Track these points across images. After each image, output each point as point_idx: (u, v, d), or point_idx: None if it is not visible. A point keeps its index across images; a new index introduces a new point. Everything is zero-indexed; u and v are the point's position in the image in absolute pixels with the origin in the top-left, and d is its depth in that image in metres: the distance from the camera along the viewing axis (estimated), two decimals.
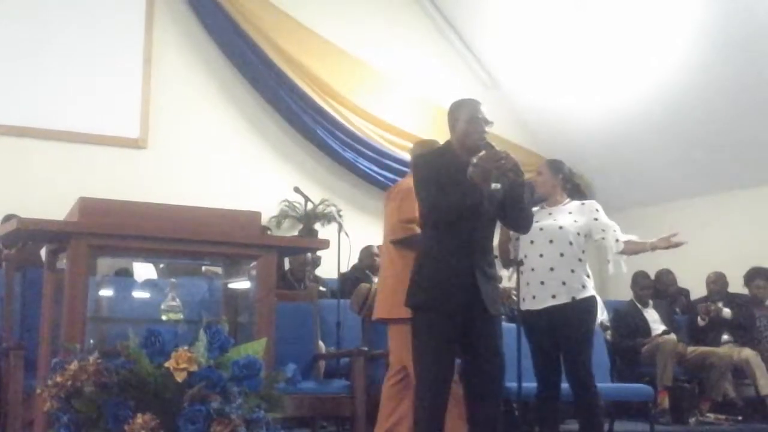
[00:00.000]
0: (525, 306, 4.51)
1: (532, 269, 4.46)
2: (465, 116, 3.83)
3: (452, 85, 9.23)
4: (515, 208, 3.84)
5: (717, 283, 7.62)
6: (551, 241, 4.43)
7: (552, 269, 4.41)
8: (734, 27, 7.52)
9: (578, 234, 4.49)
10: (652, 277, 7.70)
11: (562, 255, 4.42)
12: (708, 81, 7.95)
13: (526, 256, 4.49)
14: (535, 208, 4.44)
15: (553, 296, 4.40)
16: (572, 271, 4.42)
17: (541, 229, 4.39)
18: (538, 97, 9.34)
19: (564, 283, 4.40)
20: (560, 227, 4.46)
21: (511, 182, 3.72)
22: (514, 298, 4.86)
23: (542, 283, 4.42)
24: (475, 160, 3.77)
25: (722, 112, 8.06)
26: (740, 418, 6.87)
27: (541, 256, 4.43)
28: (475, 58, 9.69)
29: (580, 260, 4.47)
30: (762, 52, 7.51)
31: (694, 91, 8.10)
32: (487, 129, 3.82)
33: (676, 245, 4.59)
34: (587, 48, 8.55)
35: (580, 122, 9.18)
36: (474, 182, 3.69)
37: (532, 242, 4.44)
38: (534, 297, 4.45)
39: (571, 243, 4.45)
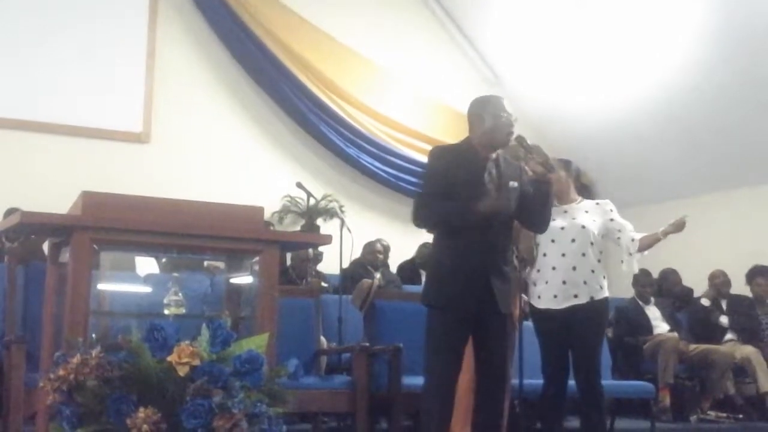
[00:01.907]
0: (542, 305, 4.47)
1: (553, 268, 4.42)
2: (492, 112, 3.83)
3: (455, 82, 9.24)
4: (540, 206, 3.85)
5: (720, 280, 7.61)
6: (573, 240, 4.41)
7: (575, 268, 4.39)
8: (737, 26, 7.50)
9: (597, 234, 4.48)
10: (655, 275, 7.69)
11: (584, 255, 4.40)
12: (711, 79, 7.94)
13: (545, 255, 4.47)
14: None
15: (575, 296, 4.39)
16: (592, 271, 4.41)
17: (562, 228, 4.37)
18: (541, 95, 9.33)
19: (585, 283, 4.39)
20: (583, 227, 4.44)
21: (540, 178, 3.72)
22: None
23: (564, 282, 4.40)
24: (494, 154, 3.78)
25: (726, 110, 8.05)
26: (741, 416, 6.86)
27: (563, 255, 4.40)
28: (479, 55, 9.69)
29: (599, 261, 4.47)
30: (765, 50, 7.50)
31: (697, 89, 8.09)
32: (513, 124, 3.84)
33: (682, 224, 4.66)
34: (591, 46, 8.54)
35: (584, 120, 9.17)
36: (488, 188, 3.71)
37: (553, 241, 4.41)
38: (555, 296, 4.42)
39: (592, 243, 4.43)
